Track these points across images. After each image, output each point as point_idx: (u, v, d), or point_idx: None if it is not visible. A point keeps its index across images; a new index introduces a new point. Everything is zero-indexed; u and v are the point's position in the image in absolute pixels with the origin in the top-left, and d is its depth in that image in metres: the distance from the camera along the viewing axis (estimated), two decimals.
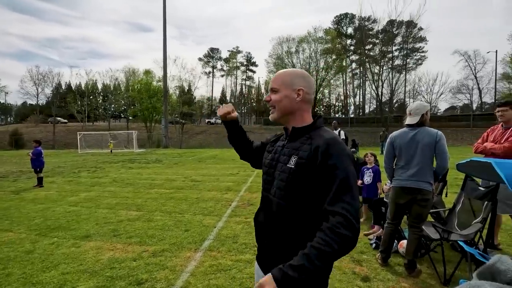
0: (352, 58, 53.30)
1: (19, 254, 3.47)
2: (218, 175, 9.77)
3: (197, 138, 39.67)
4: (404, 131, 2.81)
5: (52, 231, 4.29)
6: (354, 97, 57.02)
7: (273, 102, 1.19)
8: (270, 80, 1.23)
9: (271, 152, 1.27)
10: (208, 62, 65.72)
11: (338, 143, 1.05)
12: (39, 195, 6.90)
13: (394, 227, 2.97)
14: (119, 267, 3.08)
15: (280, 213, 1.12)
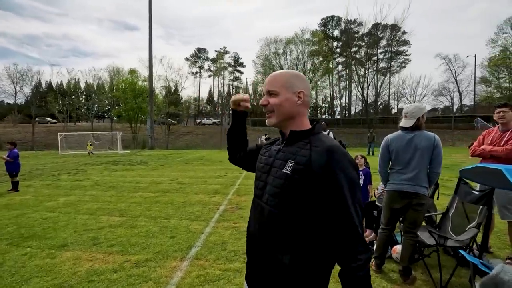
0: (339, 60, 54.04)
1: None
2: (206, 177, 9.54)
3: (184, 139, 39.07)
4: (400, 134, 2.73)
5: (26, 240, 3.98)
6: (340, 98, 57.83)
7: (272, 106, 1.09)
8: (266, 82, 1.12)
9: (265, 156, 1.18)
10: (195, 62, 65.02)
11: (341, 150, 0.99)
12: (14, 200, 6.48)
13: (388, 233, 2.89)
14: (98, 280, 2.85)
15: (272, 222, 1.03)
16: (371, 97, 43.18)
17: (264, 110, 1.12)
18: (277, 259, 1.00)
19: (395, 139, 2.74)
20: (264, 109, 1.11)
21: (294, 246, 0.98)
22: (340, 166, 0.94)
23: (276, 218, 1.01)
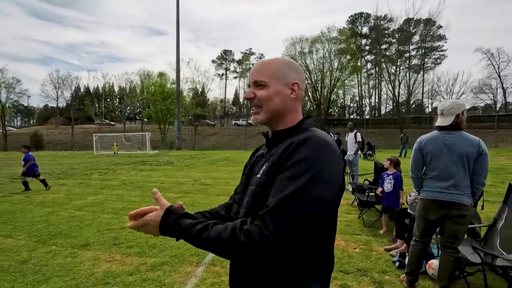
0: (368, 58, 52.10)
1: (13, 264, 3.28)
2: (229, 178, 9.49)
3: (210, 139, 39.72)
4: (436, 134, 2.40)
5: (52, 238, 4.11)
6: (369, 97, 55.71)
7: (260, 100, 0.89)
8: (253, 70, 0.91)
9: (248, 165, 1.00)
10: (221, 64, 66.04)
11: (315, 139, 0.79)
12: (47, 198, 6.83)
13: (422, 246, 2.56)
14: (113, 283, 2.82)
15: None
16: (402, 96, 41.02)
17: (249, 104, 0.92)
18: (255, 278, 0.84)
19: (430, 141, 2.42)
20: (250, 103, 0.91)
21: (270, 267, 0.81)
22: (302, 150, 0.76)
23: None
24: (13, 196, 7.19)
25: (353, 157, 7.47)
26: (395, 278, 2.84)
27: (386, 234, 4.03)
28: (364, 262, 3.19)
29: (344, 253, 3.43)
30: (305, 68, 34.46)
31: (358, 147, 7.54)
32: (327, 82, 35.13)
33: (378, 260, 3.25)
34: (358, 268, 3.05)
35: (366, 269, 3.02)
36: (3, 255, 3.53)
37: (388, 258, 3.28)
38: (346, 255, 3.38)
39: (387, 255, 3.36)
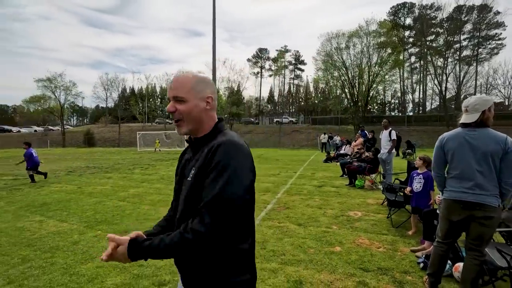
0: (411, 51, 48.82)
1: (66, 244, 3.78)
2: (259, 175, 9.67)
3: (245, 137, 40.39)
4: (459, 132, 2.31)
5: (98, 224, 4.63)
6: (412, 93, 52.19)
7: (181, 113, 1.03)
8: (171, 86, 1.04)
9: (179, 168, 1.17)
10: (256, 63, 66.49)
11: (230, 142, 0.97)
12: (96, 189, 7.61)
13: (445, 247, 2.47)
14: (147, 265, 3.13)
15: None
16: (451, 91, 37.84)
17: (171, 117, 1.06)
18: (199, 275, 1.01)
19: (451, 138, 2.33)
20: (172, 116, 1.05)
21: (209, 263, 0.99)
22: (224, 153, 0.94)
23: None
24: (68, 187, 8.12)
25: (386, 155, 7.19)
26: (418, 279, 2.77)
27: (414, 236, 3.89)
28: (387, 262, 3.14)
29: (367, 252, 3.40)
30: (341, 64, 33.34)
31: (392, 146, 7.24)
32: (365, 77, 33.62)
33: (402, 260, 3.18)
34: (379, 267, 3.02)
35: (387, 268, 2.98)
36: (59, 237, 4.09)
37: (413, 259, 3.19)
38: (368, 254, 3.35)
39: (412, 256, 3.27)
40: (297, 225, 4.46)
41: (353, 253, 3.39)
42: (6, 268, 3.13)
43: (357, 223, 4.50)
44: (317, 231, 4.17)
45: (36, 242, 3.87)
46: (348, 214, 5.03)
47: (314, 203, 5.81)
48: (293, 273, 2.91)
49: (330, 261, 3.17)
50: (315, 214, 5.05)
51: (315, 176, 9.47)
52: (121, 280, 2.82)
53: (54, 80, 40.89)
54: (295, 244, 3.68)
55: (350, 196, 6.42)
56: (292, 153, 22.34)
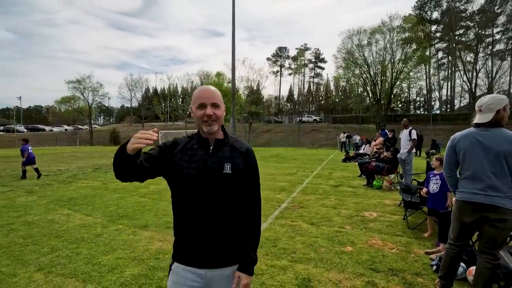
0: (438, 46, 46.63)
1: (90, 236, 4.05)
2: (276, 174, 9.73)
3: (264, 136, 40.44)
4: (470, 131, 2.25)
5: (120, 219, 4.89)
6: (439, 90, 49.83)
7: (218, 116, 1.29)
8: (207, 95, 1.28)
9: (193, 160, 1.30)
10: (276, 62, 66.35)
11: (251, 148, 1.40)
12: (120, 186, 7.99)
13: (457, 250, 2.42)
14: (163, 258, 3.30)
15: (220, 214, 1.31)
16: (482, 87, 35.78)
17: (208, 119, 1.26)
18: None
19: (463, 138, 2.27)
20: (209, 119, 1.26)
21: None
22: (253, 157, 1.38)
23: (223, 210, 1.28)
24: (94, 183, 8.59)
25: (406, 155, 6.99)
26: (430, 281, 2.72)
27: (430, 238, 3.80)
28: (399, 263, 3.10)
29: (379, 253, 3.37)
30: (363, 62, 32.48)
31: (412, 145, 7.03)
32: (388, 75, 32.55)
33: (414, 262, 3.13)
34: (390, 267, 2.99)
35: (398, 270, 2.94)
36: (84, 229, 4.37)
37: (427, 262, 3.13)
38: (380, 255, 3.32)
39: (426, 258, 3.20)
40: (309, 224, 4.48)
41: (364, 253, 3.37)
42: (37, 256, 3.41)
43: (371, 224, 4.45)
44: (330, 230, 4.17)
45: (63, 233, 4.18)
46: (363, 214, 4.97)
47: (329, 203, 5.78)
48: (302, 271, 2.95)
49: (340, 261, 3.18)
50: (329, 214, 5.04)
51: (332, 176, 9.37)
52: (138, 271, 2.99)
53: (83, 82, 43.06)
54: (306, 242, 3.71)
55: (367, 197, 6.32)
56: (310, 152, 22.14)
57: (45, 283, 2.78)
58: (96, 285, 2.74)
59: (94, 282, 2.80)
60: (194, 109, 1.30)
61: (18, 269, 3.07)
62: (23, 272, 3.02)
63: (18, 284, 2.77)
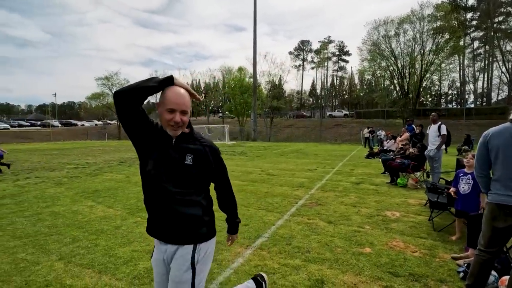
0: (474, 35, 43.52)
1: (110, 228, 4.17)
2: (295, 170, 9.57)
3: (285, 131, 40.10)
4: (506, 127, 2.01)
5: (139, 212, 5.01)
6: (474, 83, 46.61)
7: (184, 122, 1.37)
8: (178, 101, 1.33)
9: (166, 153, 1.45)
10: (298, 55, 65.27)
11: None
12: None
13: (488, 257, 2.19)
14: None
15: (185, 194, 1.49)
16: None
17: (174, 125, 1.35)
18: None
19: (497, 134, 2.04)
20: (176, 124, 1.35)
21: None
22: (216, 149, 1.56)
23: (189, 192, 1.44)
24: (118, 176, 8.92)
25: (434, 152, 6.56)
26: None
27: (458, 242, 3.52)
28: (421, 268, 2.89)
29: (400, 256, 3.17)
30: (390, 53, 31.03)
31: (442, 141, 6.58)
32: (417, 67, 30.84)
33: (439, 267, 2.90)
34: (412, 272, 2.80)
35: (420, 275, 2.74)
36: (104, 221, 4.52)
37: (453, 268, 2.89)
38: (401, 258, 3.12)
39: (452, 264, 2.97)
40: (327, 222, 4.33)
41: (384, 255, 3.18)
42: (59, 246, 3.56)
43: (393, 224, 4.21)
44: (348, 230, 4.00)
45: (85, 224, 4.34)
46: (384, 214, 4.73)
47: (349, 201, 5.57)
48: (316, 272, 2.84)
49: (357, 262, 3.03)
50: (348, 212, 4.84)
51: (353, 173, 9.06)
52: (151, 265, 3.02)
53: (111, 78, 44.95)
54: (322, 242, 3.58)
55: (390, 195, 6.02)
56: (332, 148, 21.63)
57: (64, 272, 2.88)
58: (110, 277, 2.80)
59: (109, 273, 2.86)
60: (164, 111, 1.35)
61: (41, 258, 3.22)
62: (45, 260, 3.16)
63: (40, 272, 2.90)
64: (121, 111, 1.30)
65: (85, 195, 6.30)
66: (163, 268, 1.50)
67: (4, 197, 6.13)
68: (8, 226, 4.28)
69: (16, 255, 3.28)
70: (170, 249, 1.45)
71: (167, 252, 1.46)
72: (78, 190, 6.75)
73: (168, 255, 1.46)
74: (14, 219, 4.59)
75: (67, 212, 4.98)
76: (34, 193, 6.51)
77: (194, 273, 1.42)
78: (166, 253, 1.47)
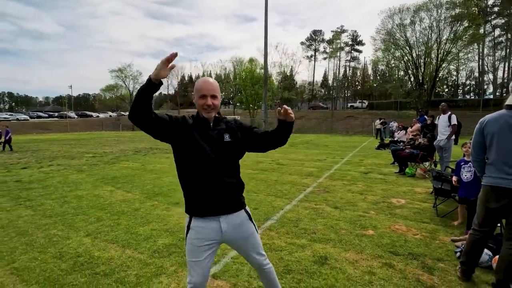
0: (495, 22, 41.66)
1: (130, 210, 4.50)
2: (305, 160, 9.73)
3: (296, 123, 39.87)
4: (501, 114, 2.12)
5: (155, 196, 5.33)
6: (493, 72, 44.89)
7: (215, 106, 1.60)
8: (208, 87, 1.58)
9: (202, 135, 1.60)
10: (310, 46, 64.27)
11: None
12: (156, 167, 8.60)
13: (481, 236, 2.35)
14: None
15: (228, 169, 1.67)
16: None
17: (207, 108, 1.57)
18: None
19: (492, 121, 2.15)
20: (209, 107, 1.57)
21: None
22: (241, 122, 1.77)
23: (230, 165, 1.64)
24: (134, 164, 9.32)
25: (444, 142, 6.58)
26: (451, 267, 2.67)
27: (460, 226, 3.65)
28: (421, 248, 3.06)
29: (401, 237, 3.35)
30: (404, 43, 30.22)
31: (452, 131, 6.58)
32: (433, 56, 29.96)
33: (438, 248, 3.07)
34: (411, 252, 2.97)
35: (419, 254, 2.92)
36: (124, 204, 4.86)
37: (451, 249, 3.05)
38: (402, 239, 3.29)
39: (451, 246, 3.12)
40: (333, 208, 4.52)
41: (386, 237, 3.36)
42: (85, 224, 3.90)
43: (397, 210, 4.37)
44: (353, 215, 4.18)
45: (107, 206, 4.69)
46: (390, 201, 4.88)
47: (356, 189, 5.73)
48: (320, 250, 3.05)
49: (359, 243, 3.22)
50: (355, 199, 5.01)
51: (363, 163, 9.14)
52: (169, 241, 3.32)
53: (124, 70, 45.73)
54: (328, 225, 3.79)
55: (397, 184, 6.13)
56: (343, 139, 21.56)
57: (92, 246, 3.21)
58: (133, 250, 3.10)
59: (131, 248, 3.17)
60: (197, 98, 1.59)
61: (71, 234, 3.57)
62: (74, 236, 3.50)
63: (71, 245, 3.24)
64: (144, 128, 1.44)
65: (105, 181, 6.69)
66: (213, 244, 1.60)
67: (32, 182, 6.59)
68: (39, 207, 4.68)
69: (49, 231, 3.64)
70: (224, 220, 1.59)
71: (222, 224, 1.59)
72: (98, 177, 7.16)
73: (225, 226, 1.59)
74: (43, 201, 4.99)
75: (90, 196, 5.36)
76: (58, 179, 6.96)
77: (255, 225, 1.73)
78: (220, 225, 1.58)
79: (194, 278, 1.56)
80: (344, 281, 2.45)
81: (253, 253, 1.70)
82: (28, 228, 3.74)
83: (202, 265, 1.57)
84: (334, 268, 2.66)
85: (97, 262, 2.84)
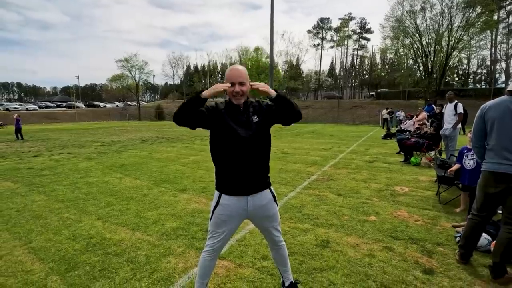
0: (510, 8, 40.15)
1: (138, 196, 4.65)
2: (310, 149, 9.77)
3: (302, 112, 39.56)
4: (503, 99, 2.13)
5: (163, 183, 5.47)
6: (506, 61, 43.57)
7: (243, 92, 1.70)
8: (236, 74, 1.68)
9: (235, 119, 1.73)
10: (317, 34, 63.09)
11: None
12: (163, 156, 8.75)
13: (479, 220, 2.40)
14: (198, 216, 3.72)
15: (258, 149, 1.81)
16: None
17: (236, 95, 1.69)
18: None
19: (494, 106, 2.17)
20: (237, 94, 1.69)
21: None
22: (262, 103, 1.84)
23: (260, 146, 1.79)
24: (141, 153, 9.50)
25: (450, 131, 6.54)
26: (450, 251, 2.73)
27: (462, 213, 3.69)
28: (421, 233, 3.13)
29: (402, 223, 3.41)
30: (414, 30, 29.47)
31: (458, 120, 6.53)
32: (444, 44, 29.19)
33: (439, 234, 3.13)
34: (412, 237, 3.04)
35: (419, 239, 2.99)
36: (133, 190, 5.01)
37: (451, 233, 3.11)
38: (403, 225, 3.36)
39: (452, 231, 3.18)
40: (337, 195, 4.59)
41: (387, 223, 3.43)
42: (96, 209, 4.06)
43: (400, 198, 4.42)
44: (356, 201, 4.25)
45: (116, 192, 4.85)
46: (393, 189, 4.93)
47: (360, 177, 5.78)
48: (323, 234, 3.14)
49: (361, 228, 3.30)
50: (358, 186, 5.07)
51: (368, 152, 9.15)
52: (176, 225, 3.45)
53: (130, 60, 45.70)
54: (331, 211, 3.87)
55: (402, 173, 6.16)
56: (349, 129, 21.45)
57: (103, 229, 3.36)
58: (142, 233, 3.24)
59: (140, 230, 3.31)
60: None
61: (83, 217, 3.72)
62: (86, 219, 3.65)
63: (84, 227, 3.39)
64: (185, 126, 1.66)
65: (114, 168, 6.87)
66: (237, 219, 1.78)
67: (44, 169, 6.81)
68: (51, 192, 4.87)
69: (62, 215, 3.81)
70: (251, 199, 1.74)
71: (249, 203, 1.74)
72: (107, 164, 7.34)
73: (251, 205, 1.74)
74: (55, 187, 5.18)
75: (100, 182, 5.53)
76: (69, 166, 7.16)
77: (278, 205, 1.90)
78: (247, 204, 1.74)
79: (213, 244, 1.79)
80: (344, 262, 2.54)
81: (273, 230, 1.89)
82: (42, 212, 3.92)
83: (222, 236, 1.77)
84: (336, 251, 2.75)
85: (108, 243, 2.98)
